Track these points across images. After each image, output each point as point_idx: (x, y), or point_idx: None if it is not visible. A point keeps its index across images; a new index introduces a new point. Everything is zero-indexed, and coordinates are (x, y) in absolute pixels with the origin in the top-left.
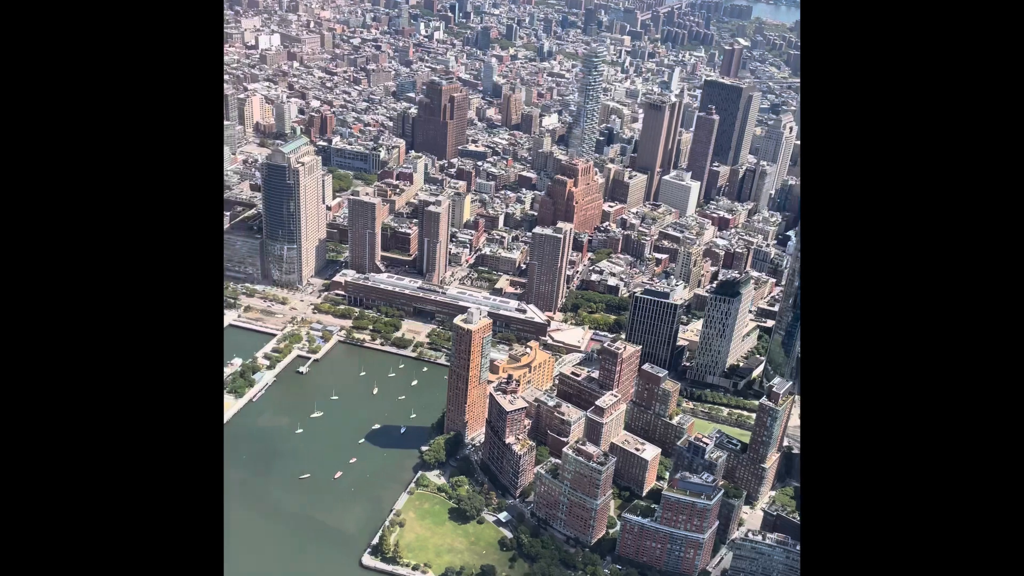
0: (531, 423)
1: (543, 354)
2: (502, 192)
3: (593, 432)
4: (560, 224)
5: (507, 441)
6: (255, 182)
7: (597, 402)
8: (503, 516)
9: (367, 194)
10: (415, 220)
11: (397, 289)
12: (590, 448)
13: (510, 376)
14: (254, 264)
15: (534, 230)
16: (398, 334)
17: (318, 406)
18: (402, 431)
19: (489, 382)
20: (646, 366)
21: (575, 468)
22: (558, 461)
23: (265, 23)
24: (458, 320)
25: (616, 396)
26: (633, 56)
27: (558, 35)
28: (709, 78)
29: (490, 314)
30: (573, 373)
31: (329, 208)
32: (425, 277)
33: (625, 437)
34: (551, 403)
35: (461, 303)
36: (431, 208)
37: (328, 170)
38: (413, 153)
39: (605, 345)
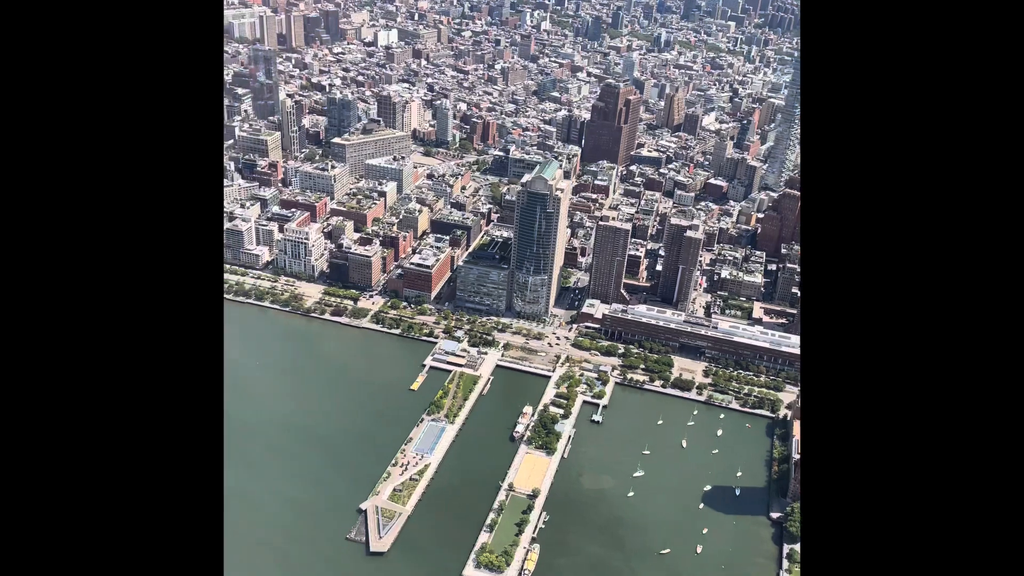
0: None
1: None
2: (704, 204)
3: None
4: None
5: None
6: (456, 200)
7: None
8: None
9: (614, 218)
10: (635, 240)
11: (661, 323)
12: None
13: None
14: (490, 295)
15: None
16: (674, 373)
17: (638, 464)
18: (737, 493)
19: None
20: None
21: None
22: None
23: (373, 17)
24: None
25: None
26: (749, 44)
27: (660, 22)
28: None
29: (770, 351)
30: None
31: None
32: (676, 307)
33: None
34: None
35: (736, 338)
36: (689, 234)
37: (509, 182)
38: (606, 163)
39: None
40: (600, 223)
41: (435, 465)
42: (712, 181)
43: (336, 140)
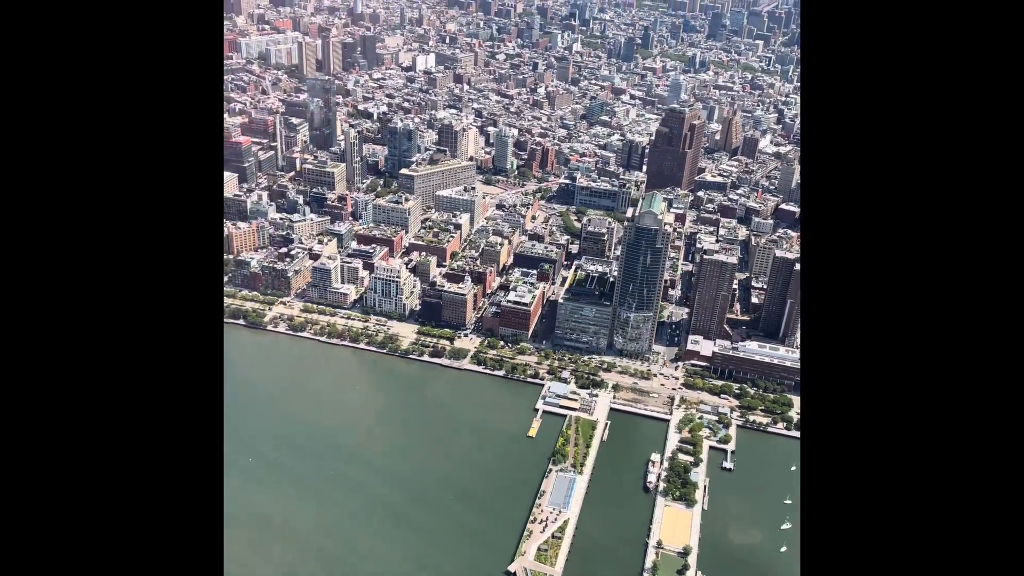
0: None
1: None
2: (783, 232)
3: None
4: None
5: None
6: (531, 231)
7: None
8: None
9: (718, 252)
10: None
11: (776, 361)
12: None
13: None
14: (587, 331)
15: None
16: (794, 415)
17: (785, 515)
18: None
19: None
20: None
21: None
22: None
23: (407, 41)
24: None
25: None
26: (783, 63)
27: (688, 41)
28: None
29: None
30: None
31: None
32: (783, 342)
33: None
34: None
35: None
36: (799, 267)
37: (577, 211)
38: (680, 191)
39: None
40: (705, 256)
41: (574, 520)
42: (783, 206)
43: (404, 171)
